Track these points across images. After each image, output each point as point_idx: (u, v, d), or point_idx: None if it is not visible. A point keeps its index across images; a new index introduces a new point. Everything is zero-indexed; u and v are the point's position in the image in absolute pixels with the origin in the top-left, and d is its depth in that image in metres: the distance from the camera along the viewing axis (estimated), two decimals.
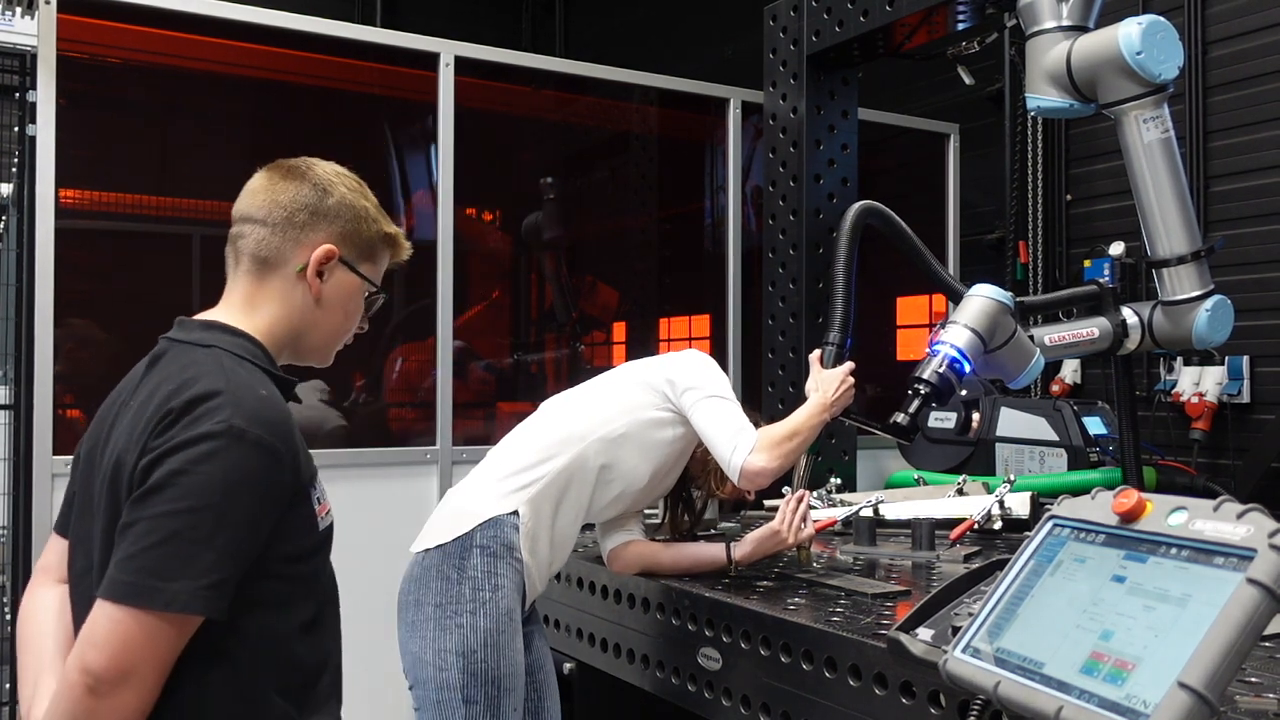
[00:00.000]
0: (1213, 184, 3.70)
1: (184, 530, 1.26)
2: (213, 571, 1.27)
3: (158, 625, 1.25)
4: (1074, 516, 1.25)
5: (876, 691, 1.73)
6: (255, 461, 1.32)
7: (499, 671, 2.04)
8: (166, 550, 1.25)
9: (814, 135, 3.55)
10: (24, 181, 3.24)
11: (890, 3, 3.17)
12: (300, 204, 1.55)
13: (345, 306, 1.60)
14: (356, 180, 1.65)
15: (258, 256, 1.55)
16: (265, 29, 3.39)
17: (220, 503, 1.28)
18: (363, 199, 1.61)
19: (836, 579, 2.27)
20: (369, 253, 1.61)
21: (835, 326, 2.49)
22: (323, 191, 1.57)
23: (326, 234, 1.55)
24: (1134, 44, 2.45)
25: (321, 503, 1.49)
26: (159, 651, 1.26)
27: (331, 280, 1.56)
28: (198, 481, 1.28)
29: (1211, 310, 2.64)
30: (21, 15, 3.15)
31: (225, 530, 1.28)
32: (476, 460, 2.35)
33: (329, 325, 1.59)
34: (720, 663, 2.10)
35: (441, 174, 3.60)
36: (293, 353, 1.59)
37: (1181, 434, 3.68)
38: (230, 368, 1.41)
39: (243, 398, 1.34)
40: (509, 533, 2.13)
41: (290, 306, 1.55)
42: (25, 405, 3.14)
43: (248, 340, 1.50)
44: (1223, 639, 0.97)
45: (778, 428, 2.21)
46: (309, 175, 1.58)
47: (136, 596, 1.24)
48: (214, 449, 1.29)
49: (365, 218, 1.60)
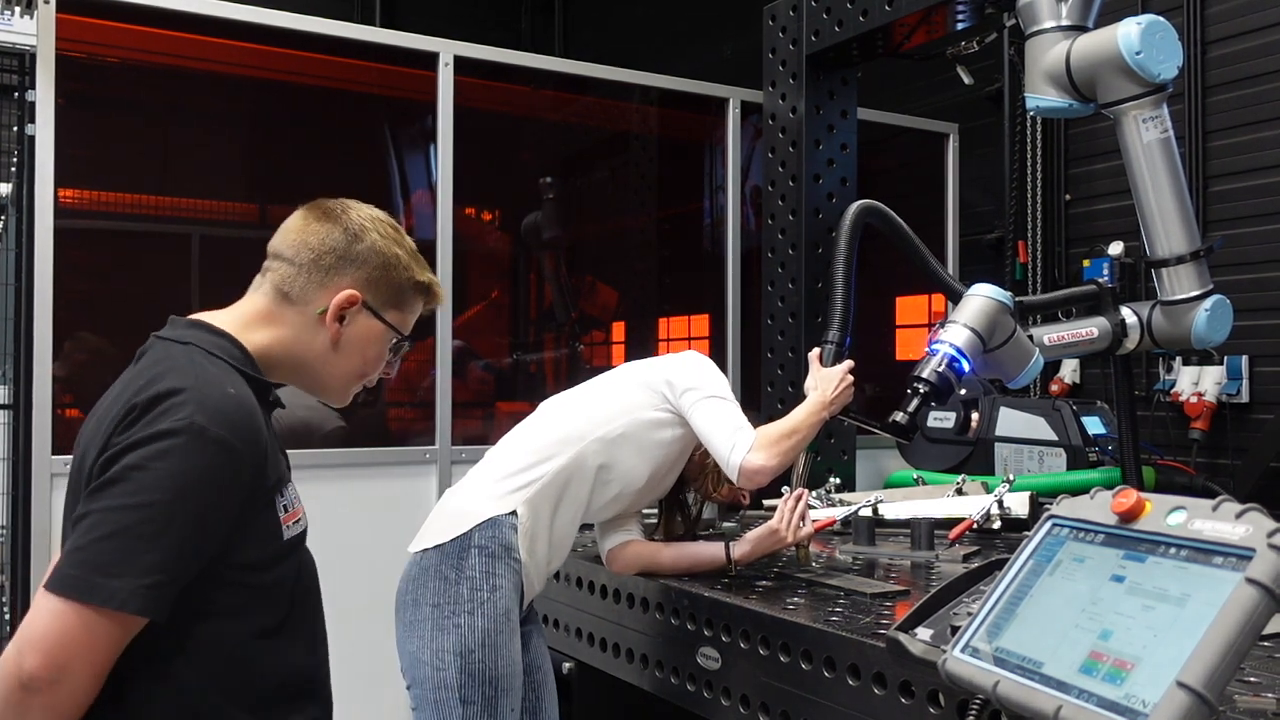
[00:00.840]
0: (1212, 184, 3.70)
1: (132, 526, 1.25)
2: (156, 571, 1.25)
3: (96, 621, 1.22)
4: (1073, 516, 1.25)
5: (875, 691, 1.73)
6: (213, 459, 1.30)
7: (496, 671, 2.04)
8: (112, 545, 1.24)
9: (813, 135, 3.55)
10: (23, 181, 3.24)
11: (889, 2, 3.17)
12: (328, 246, 1.53)
13: (364, 352, 1.58)
14: (392, 226, 1.62)
15: (281, 290, 1.53)
16: (264, 29, 3.39)
17: (172, 501, 1.26)
18: (395, 246, 1.58)
19: (835, 578, 2.27)
20: (396, 300, 1.59)
21: (835, 325, 2.49)
22: (353, 236, 1.55)
23: (352, 279, 1.54)
24: (1133, 44, 2.45)
25: (290, 509, 1.46)
26: (96, 650, 1.23)
27: (353, 326, 1.55)
28: (151, 477, 1.26)
29: (1210, 310, 2.64)
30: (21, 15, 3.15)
31: (174, 529, 1.26)
32: (475, 460, 2.35)
33: (344, 369, 1.58)
34: (719, 662, 2.10)
35: (441, 173, 3.60)
36: (299, 381, 1.58)
37: (1180, 434, 3.68)
38: (200, 363, 1.40)
39: (208, 395, 1.33)
40: (507, 533, 2.12)
41: (300, 341, 1.53)
42: (24, 405, 3.13)
43: (228, 341, 1.49)
44: (1221, 638, 0.97)
45: (776, 426, 2.20)
46: (341, 219, 1.56)
47: (76, 589, 1.22)
48: (171, 446, 1.28)
49: (395, 265, 1.57)
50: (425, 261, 1.66)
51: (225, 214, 3.51)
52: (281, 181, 3.66)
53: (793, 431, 2.19)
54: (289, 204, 1.63)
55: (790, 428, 2.20)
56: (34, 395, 2.97)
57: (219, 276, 3.42)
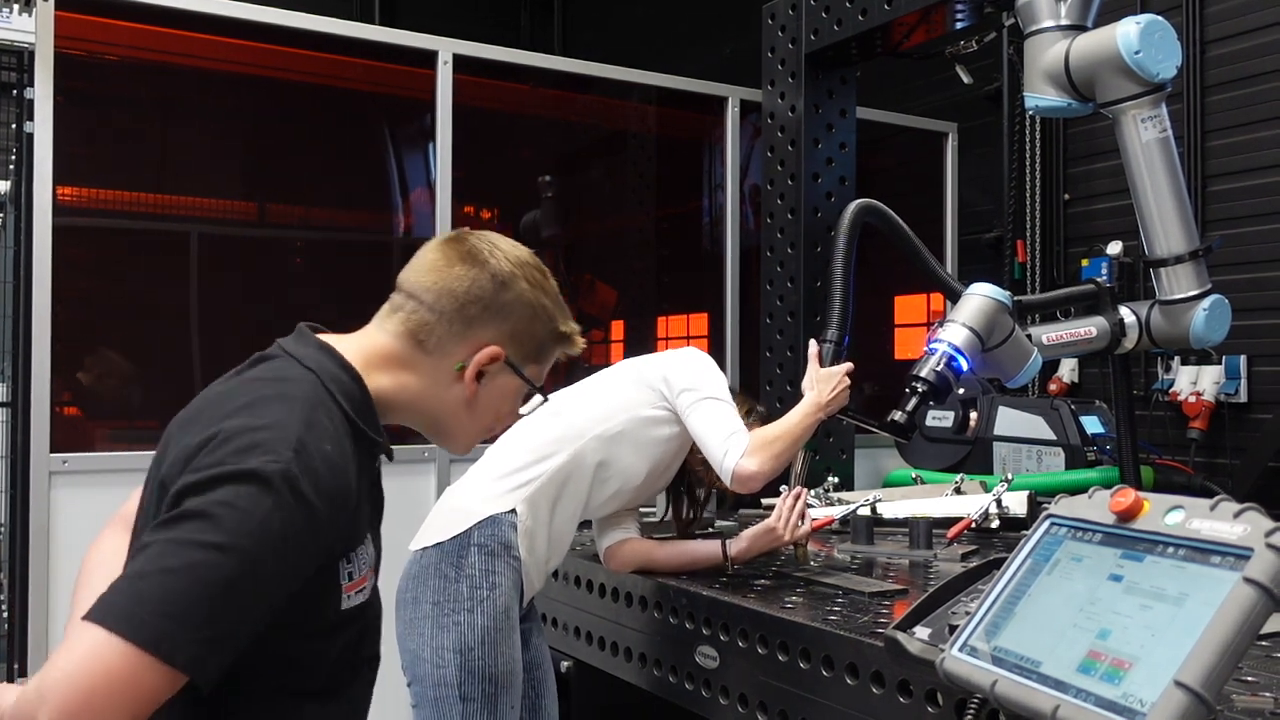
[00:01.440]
0: (1211, 183, 3.70)
1: (199, 565, 1.10)
2: (213, 625, 1.09)
3: (140, 663, 1.05)
4: (1071, 515, 1.25)
5: (874, 690, 1.73)
6: (296, 516, 1.16)
7: (496, 669, 2.05)
8: (173, 581, 1.08)
9: (812, 134, 3.55)
10: (21, 179, 3.24)
11: (889, 2, 3.17)
12: (474, 296, 1.40)
13: (498, 409, 1.48)
14: (540, 269, 1.48)
15: (416, 337, 1.40)
16: (263, 26, 3.38)
17: (248, 550, 1.12)
18: (543, 295, 1.46)
19: (834, 577, 2.27)
20: (537, 353, 1.48)
21: (833, 324, 2.49)
22: (501, 284, 1.41)
23: (495, 332, 1.41)
24: (1132, 43, 2.45)
25: (355, 576, 1.31)
26: (137, 699, 1.06)
27: (491, 383, 1.43)
28: (232, 519, 1.12)
29: (1209, 310, 2.64)
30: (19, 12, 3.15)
31: (243, 582, 1.12)
32: (474, 459, 2.34)
33: (476, 427, 1.47)
34: (718, 661, 2.10)
35: (440, 172, 3.60)
36: (421, 427, 1.47)
37: (1179, 433, 3.68)
38: (313, 403, 1.26)
39: (308, 445, 1.20)
40: (506, 531, 2.13)
41: (430, 394, 1.42)
42: (23, 402, 3.13)
43: (353, 381, 1.35)
44: (1219, 638, 0.97)
45: (770, 429, 2.21)
46: (488, 263, 1.42)
47: (125, 623, 1.06)
48: (259, 492, 1.14)
49: (541, 316, 1.45)
50: (567, 306, 1.52)
51: (224, 212, 3.51)
52: (280, 180, 3.66)
53: (785, 435, 2.20)
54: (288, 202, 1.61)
55: (783, 431, 2.20)
56: (33, 393, 2.97)
57: (218, 275, 3.43)
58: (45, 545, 2.96)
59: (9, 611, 3.63)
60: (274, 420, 1.21)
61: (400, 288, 1.44)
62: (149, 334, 3.32)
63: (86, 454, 3.06)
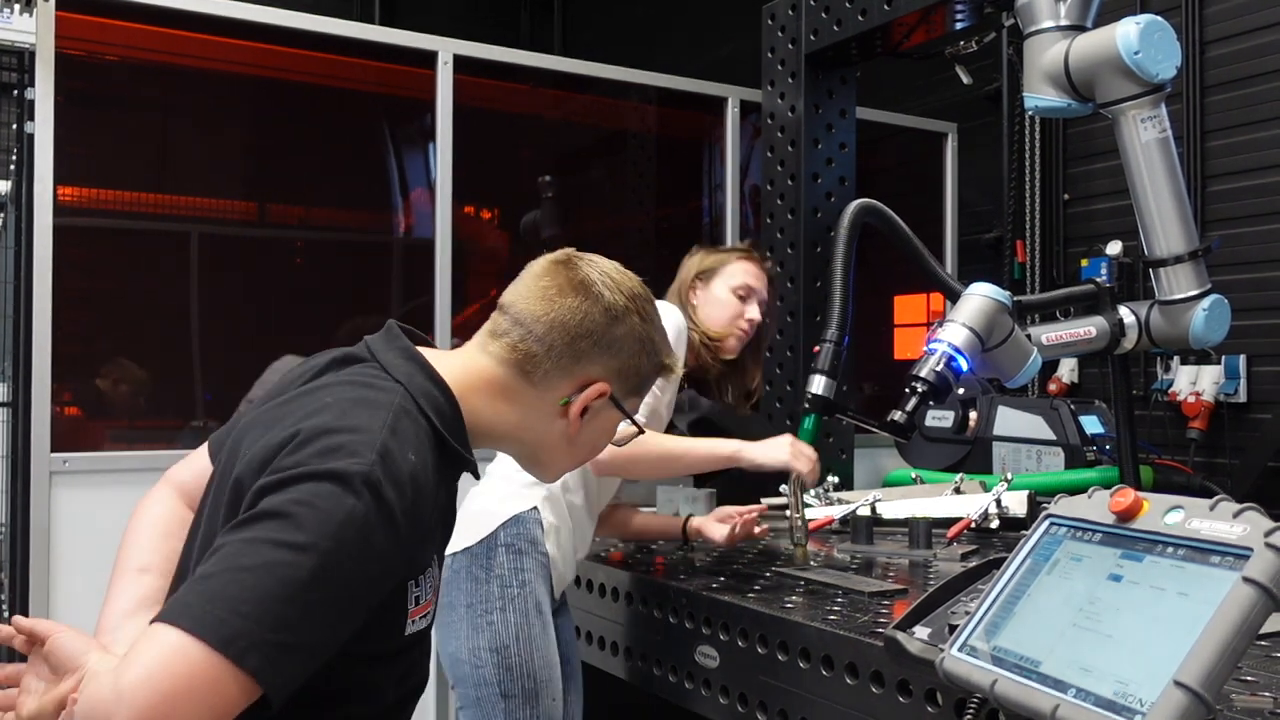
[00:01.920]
0: (1210, 183, 3.70)
1: (276, 565, 1.05)
2: (288, 630, 1.03)
3: (215, 665, 1.00)
4: (1071, 515, 1.25)
5: (873, 690, 1.73)
6: (378, 520, 1.11)
7: (534, 664, 2.09)
8: (248, 579, 1.04)
9: (812, 134, 3.55)
10: (22, 179, 3.24)
11: (888, 2, 3.17)
12: (585, 330, 1.36)
13: (597, 443, 1.45)
14: (649, 299, 1.45)
15: (522, 368, 1.36)
16: (264, 27, 3.39)
17: (328, 551, 1.06)
18: (652, 329, 1.43)
19: (834, 577, 2.27)
20: (639, 387, 1.45)
21: (833, 324, 2.49)
22: (613, 319, 1.38)
23: (603, 368, 1.38)
24: (1132, 44, 2.45)
25: (422, 601, 1.26)
26: (214, 701, 1.00)
27: (595, 418, 1.40)
28: (312, 519, 1.07)
29: (1209, 310, 2.64)
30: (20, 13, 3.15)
31: (321, 586, 1.06)
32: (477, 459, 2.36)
33: (574, 460, 1.46)
34: (718, 661, 2.11)
35: (440, 172, 3.60)
36: (509, 452, 1.45)
37: (1178, 433, 3.68)
38: (399, 412, 1.22)
39: (391, 452, 1.15)
40: (532, 528, 2.17)
41: (530, 426, 1.38)
42: (23, 402, 3.13)
43: (444, 397, 1.29)
44: (1219, 637, 0.97)
45: (665, 438, 2.29)
46: (603, 296, 1.38)
47: (194, 622, 1.01)
48: (342, 492, 1.09)
49: (648, 351, 1.42)
50: (666, 332, 1.48)
51: (224, 212, 3.51)
52: (280, 180, 3.66)
53: (674, 453, 2.29)
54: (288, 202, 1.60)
55: (669, 449, 2.28)
56: (33, 393, 2.97)
57: (217, 274, 3.43)
58: (45, 545, 2.96)
59: (9, 611, 3.63)
60: (358, 424, 1.17)
61: (505, 310, 1.40)
62: (149, 334, 3.32)
63: (86, 454, 3.06)
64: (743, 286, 2.62)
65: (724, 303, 2.60)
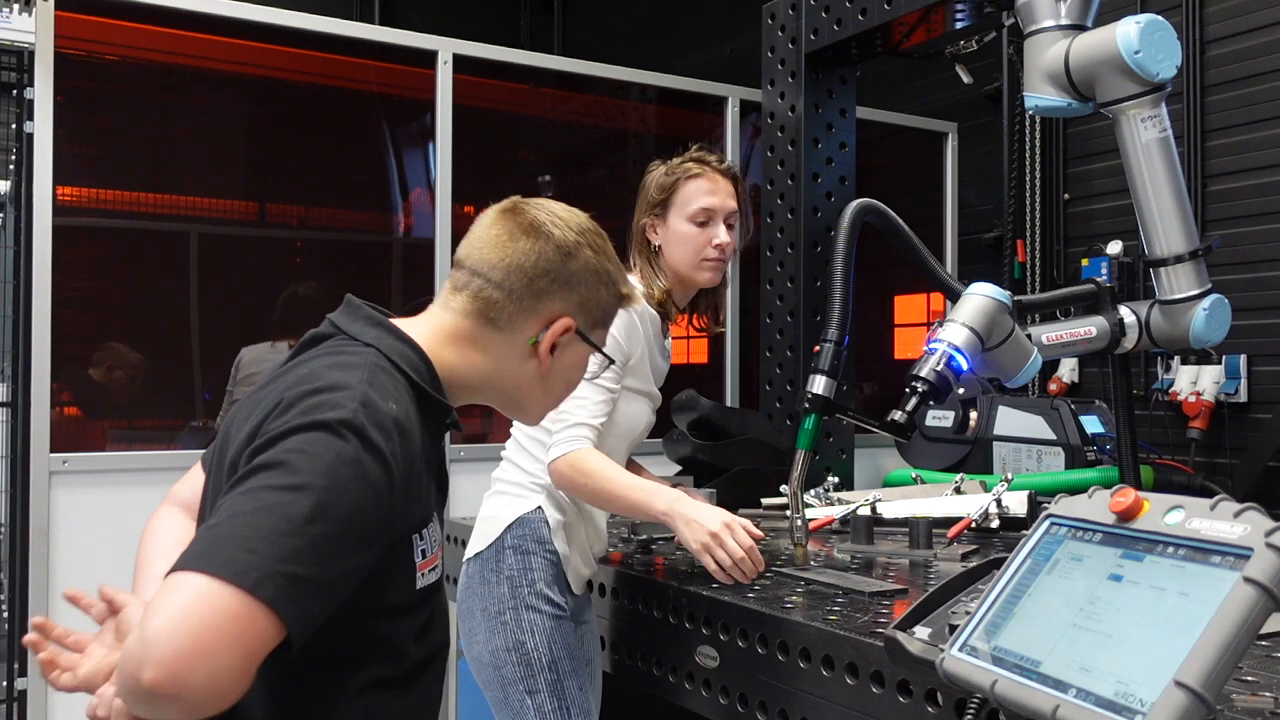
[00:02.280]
0: (1210, 183, 3.70)
1: (278, 505, 1.07)
2: (297, 562, 1.05)
3: (234, 601, 1.01)
4: (1071, 515, 1.25)
5: (873, 690, 1.73)
6: (369, 462, 1.13)
7: (552, 657, 2.11)
8: (253, 520, 1.06)
9: (812, 134, 3.55)
10: (21, 179, 3.24)
11: (888, 1, 3.17)
12: (541, 269, 1.40)
13: (570, 379, 1.49)
14: (600, 234, 1.50)
15: (486, 316, 1.40)
16: (263, 26, 3.39)
17: (327, 488, 1.09)
18: (605, 260, 1.47)
19: (834, 577, 2.27)
20: (603, 318, 1.49)
21: (833, 324, 2.49)
22: (566, 255, 1.42)
23: (565, 303, 1.42)
24: (1132, 43, 2.45)
25: (428, 554, 1.30)
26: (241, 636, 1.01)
27: (563, 354, 1.44)
28: (306, 462, 1.10)
29: (1209, 309, 2.65)
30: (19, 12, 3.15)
31: (324, 521, 1.08)
32: (474, 459, 2.38)
33: (549, 395, 1.48)
34: (718, 661, 2.10)
35: (439, 171, 3.60)
36: (494, 403, 1.47)
37: (1179, 433, 3.68)
38: (374, 369, 1.25)
39: (372, 400, 1.19)
40: (538, 528, 2.18)
41: (504, 370, 1.41)
42: (23, 402, 3.13)
43: (414, 352, 1.33)
44: (1219, 637, 0.97)
45: (606, 470, 2.09)
46: (552, 235, 1.42)
47: (207, 562, 1.03)
48: (329, 439, 1.12)
49: (605, 282, 1.46)
50: (619, 263, 1.53)
51: (224, 212, 3.51)
52: (280, 179, 3.66)
53: (606, 492, 2.09)
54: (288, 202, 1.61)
55: (610, 487, 2.08)
56: (32, 393, 2.97)
57: (217, 274, 3.43)
58: (45, 545, 2.96)
59: (9, 611, 3.63)
60: (337, 382, 1.20)
61: (462, 265, 1.44)
62: (149, 334, 3.32)
63: (86, 454, 3.06)
64: (700, 212, 2.35)
65: (685, 235, 2.35)
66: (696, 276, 2.38)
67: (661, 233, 2.38)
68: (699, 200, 2.35)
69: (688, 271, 2.36)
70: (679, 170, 2.37)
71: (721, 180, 2.38)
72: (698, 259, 2.35)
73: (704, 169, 2.37)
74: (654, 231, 2.39)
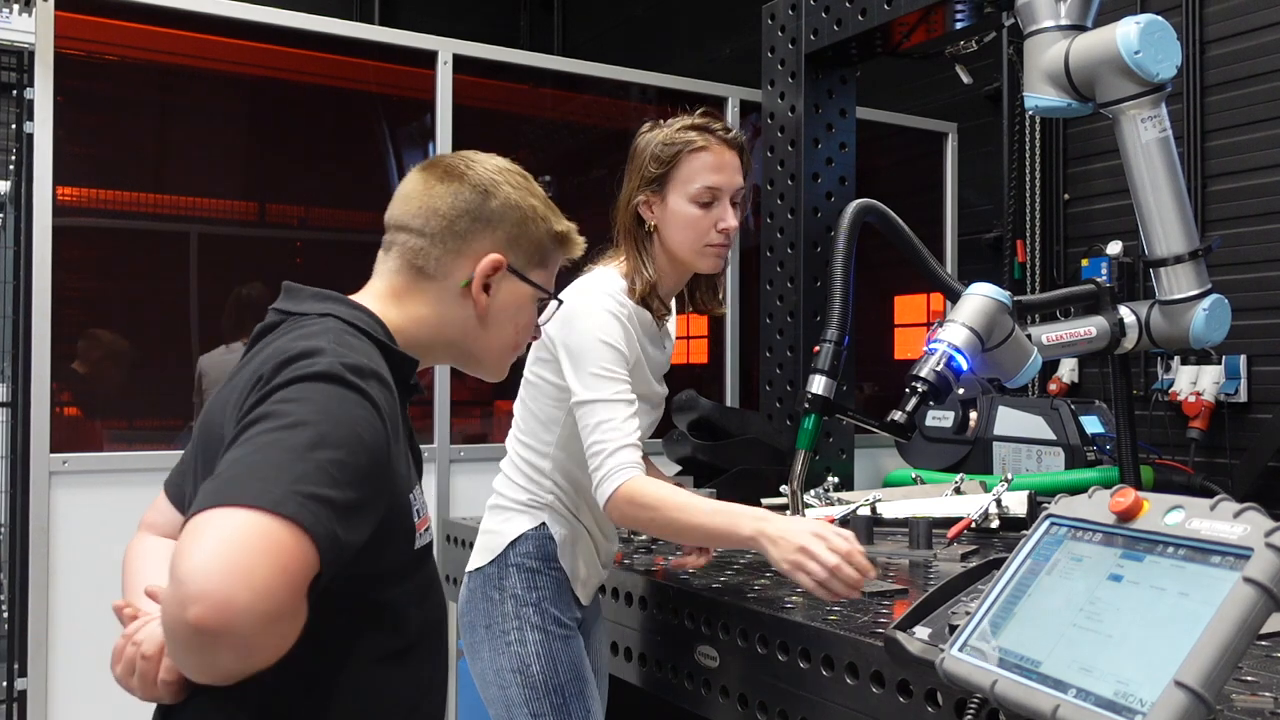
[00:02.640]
0: (1210, 183, 3.70)
1: (282, 440, 1.05)
2: (312, 482, 1.02)
3: (262, 524, 0.97)
4: (1071, 515, 1.25)
5: (873, 690, 1.73)
6: (356, 404, 1.13)
7: (558, 680, 2.02)
8: (258, 459, 1.03)
9: (812, 134, 3.55)
10: (21, 179, 3.25)
11: (888, 2, 3.17)
12: (460, 209, 1.39)
13: (515, 320, 1.46)
14: (521, 174, 1.49)
15: (415, 265, 1.40)
16: (263, 27, 3.39)
17: (323, 422, 1.08)
18: (529, 196, 1.46)
19: None
20: (540, 257, 1.47)
21: (833, 324, 2.49)
22: (484, 193, 1.41)
23: (491, 241, 1.41)
24: (1132, 43, 2.45)
25: (420, 515, 1.30)
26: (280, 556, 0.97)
27: (499, 293, 1.42)
28: (298, 407, 1.09)
29: (1209, 309, 2.65)
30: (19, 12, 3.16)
31: (330, 450, 1.06)
32: (474, 459, 2.35)
33: (498, 342, 1.46)
34: (717, 661, 2.10)
35: None
36: (451, 360, 1.47)
37: (1179, 433, 3.68)
38: (337, 332, 1.25)
39: (345, 356, 1.19)
40: (544, 544, 2.08)
41: (445, 319, 1.41)
42: (23, 402, 3.14)
43: (366, 314, 1.34)
44: (1219, 637, 0.97)
45: (673, 497, 1.87)
46: (468, 176, 1.42)
47: (220, 497, 0.99)
48: (315, 388, 1.12)
49: (533, 217, 1.45)
50: (557, 208, 1.52)
51: (223, 212, 3.51)
52: (280, 179, 3.66)
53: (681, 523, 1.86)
54: (288, 202, 1.61)
55: (681, 517, 1.85)
56: (32, 393, 2.97)
57: (217, 273, 3.43)
58: (45, 545, 2.96)
59: (9, 611, 3.63)
60: (306, 349, 1.19)
61: (389, 226, 1.44)
62: (149, 334, 3.32)
63: (86, 454, 3.06)
64: (704, 191, 2.07)
65: (687, 218, 2.08)
66: (698, 263, 2.14)
67: (658, 212, 2.11)
68: (704, 177, 2.07)
69: (688, 257, 2.12)
70: (679, 140, 2.08)
71: (728, 153, 2.10)
72: (700, 244, 2.10)
73: (709, 140, 2.08)
74: (648, 210, 2.12)
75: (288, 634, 0.98)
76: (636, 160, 2.13)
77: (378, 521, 1.15)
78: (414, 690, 1.30)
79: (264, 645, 0.97)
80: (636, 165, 2.13)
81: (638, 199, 2.12)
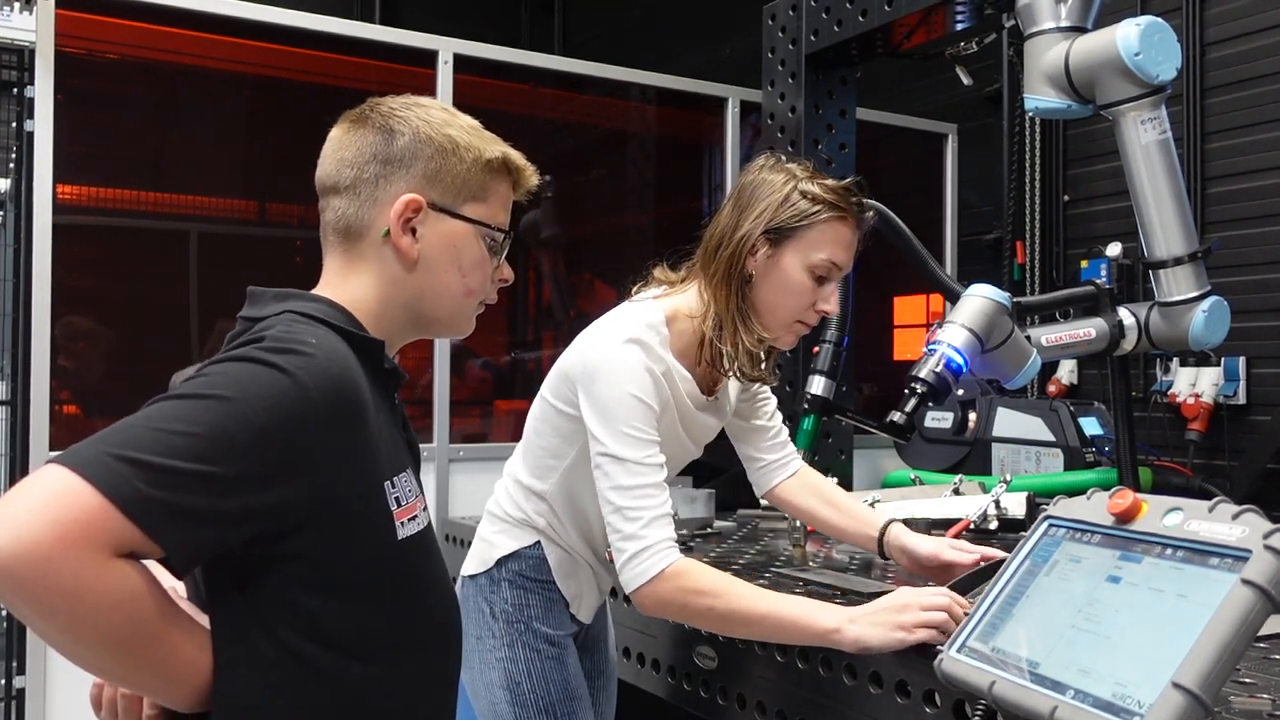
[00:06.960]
0: (1210, 185, 3.70)
1: (147, 412, 1.04)
2: (135, 447, 1.00)
3: (72, 483, 0.97)
4: (1069, 517, 1.25)
5: (872, 690, 1.73)
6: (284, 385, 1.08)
7: (549, 699, 1.97)
8: (113, 427, 1.02)
9: (812, 134, 3.55)
10: (21, 177, 3.24)
11: (889, 2, 3.18)
12: (368, 155, 1.30)
13: (459, 262, 1.33)
14: (442, 107, 1.37)
15: (339, 229, 1.30)
16: (264, 25, 3.39)
17: (226, 395, 1.05)
18: (445, 128, 1.33)
19: (832, 577, 2.27)
20: (472, 190, 1.35)
21: (833, 325, 2.49)
22: (389, 132, 1.31)
23: (405, 183, 1.29)
24: (1132, 45, 2.46)
25: (404, 503, 1.22)
26: (73, 521, 0.95)
27: (429, 235, 1.30)
28: (207, 381, 1.07)
29: (1208, 311, 2.65)
30: (20, 10, 3.15)
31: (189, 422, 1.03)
32: (474, 459, 2.34)
33: (445, 289, 1.33)
34: (716, 661, 2.10)
35: None
36: (414, 328, 1.36)
37: (1177, 435, 3.68)
38: (290, 320, 1.19)
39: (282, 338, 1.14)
40: (538, 565, 2.01)
41: (384, 277, 1.30)
42: (22, 401, 3.14)
43: (324, 304, 1.26)
44: (1217, 639, 0.97)
45: (733, 587, 1.68)
46: (373, 120, 1.32)
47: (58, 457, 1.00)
48: (231, 366, 1.09)
49: (451, 149, 1.32)
50: (496, 135, 1.40)
51: (224, 211, 3.51)
52: (280, 178, 3.66)
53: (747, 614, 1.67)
54: (288, 201, 1.60)
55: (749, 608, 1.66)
56: (32, 391, 2.97)
57: (217, 273, 3.43)
58: None
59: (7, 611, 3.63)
60: (249, 337, 1.15)
61: (319, 194, 1.36)
62: (149, 333, 3.32)
63: None
64: (826, 265, 1.85)
65: (795, 287, 1.86)
66: (781, 336, 1.93)
67: (765, 268, 1.87)
68: (832, 251, 1.85)
69: (775, 328, 1.90)
70: (825, 199, 1.85)
71: (856, 233, 1.90)
72: (794, 318, 1.90)
73: (848, 214, 1.87)
74: (753, 258, 1.86)
75: (70, 590, 0.96)
76: (761, 195, 1.88)
77: (302, 499, 1.10)
78: (413, 690, 1.27)
79: (40, 596, 0.95)
80: (760, 202, 1.87)
81: (752, 240, 1.86)
